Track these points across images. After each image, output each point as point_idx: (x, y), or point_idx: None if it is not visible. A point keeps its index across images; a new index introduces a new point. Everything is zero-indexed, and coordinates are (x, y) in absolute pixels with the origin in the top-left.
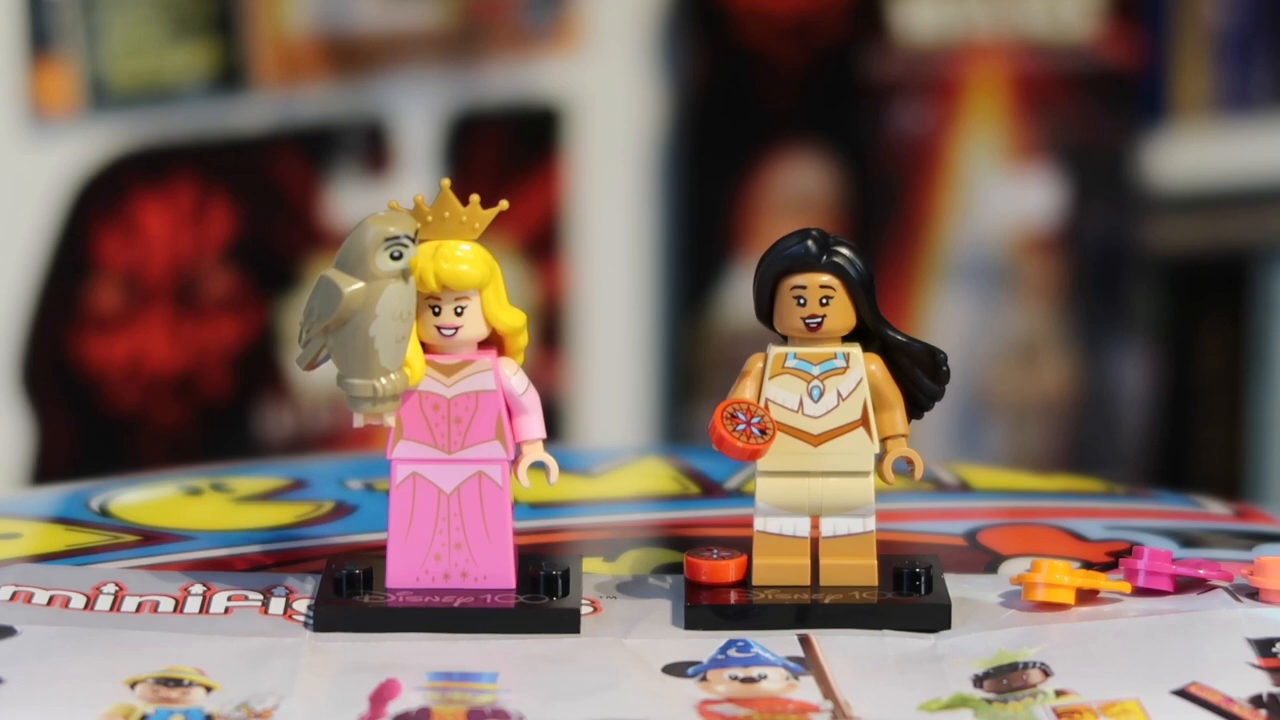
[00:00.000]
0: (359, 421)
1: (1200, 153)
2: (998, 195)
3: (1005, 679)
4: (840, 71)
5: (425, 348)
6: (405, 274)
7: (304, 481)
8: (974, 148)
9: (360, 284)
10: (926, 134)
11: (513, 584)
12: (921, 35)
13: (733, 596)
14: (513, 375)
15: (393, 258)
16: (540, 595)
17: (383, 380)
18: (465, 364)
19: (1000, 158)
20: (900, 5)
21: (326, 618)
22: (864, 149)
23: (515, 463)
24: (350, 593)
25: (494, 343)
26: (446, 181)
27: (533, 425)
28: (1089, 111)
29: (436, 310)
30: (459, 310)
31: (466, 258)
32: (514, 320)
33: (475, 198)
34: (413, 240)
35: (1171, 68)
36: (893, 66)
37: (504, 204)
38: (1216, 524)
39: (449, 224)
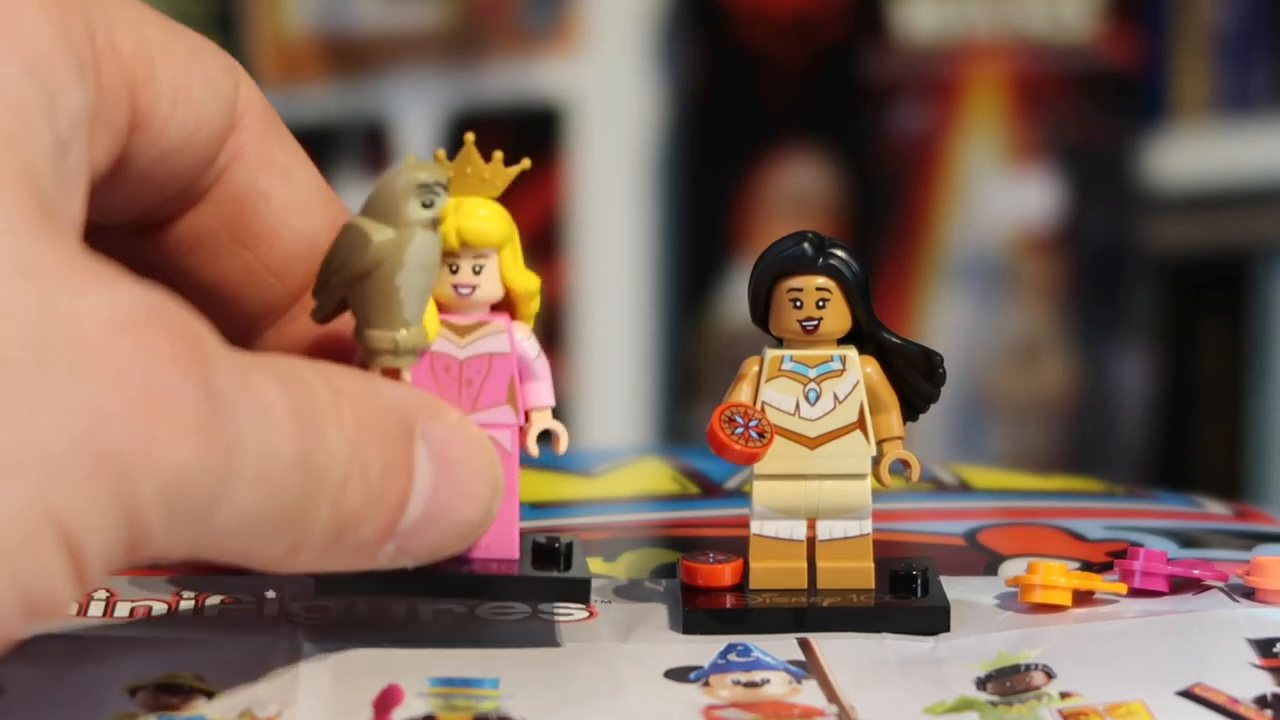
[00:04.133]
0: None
1: (1200, 153)
2: (998, 195)
3: (1008, 681)
4: (840, 71)
5: (439, 307)
6: (435, 223)
7: None
8: (974, 148)
9: (391, 231)
10: (926, 134)
11: (516, 554)
12: (921, 35)
13: (729, 600)
14: (526, 339)
15: (424, 205)
16: (555, 569)
17: (404, 332)
18: (480, 325)
19: (1000, 158)
20: (900, 5)
21: (331, 580)
22: (864, 149)
23: (524, 430)
24: None
25: (505, 308)
26: (471, 136)
27: (543, 392)
28: (1089, 111)
29: (454, 268)
30: (477, 269)
31: (489, 215)
32: (529, 283)
33: (498, 155)
34: (445, 189)
35: (1171, 68)
36: (893, 66)
37: (526, 162)
38: (1216, 524)
39: (470, 180)
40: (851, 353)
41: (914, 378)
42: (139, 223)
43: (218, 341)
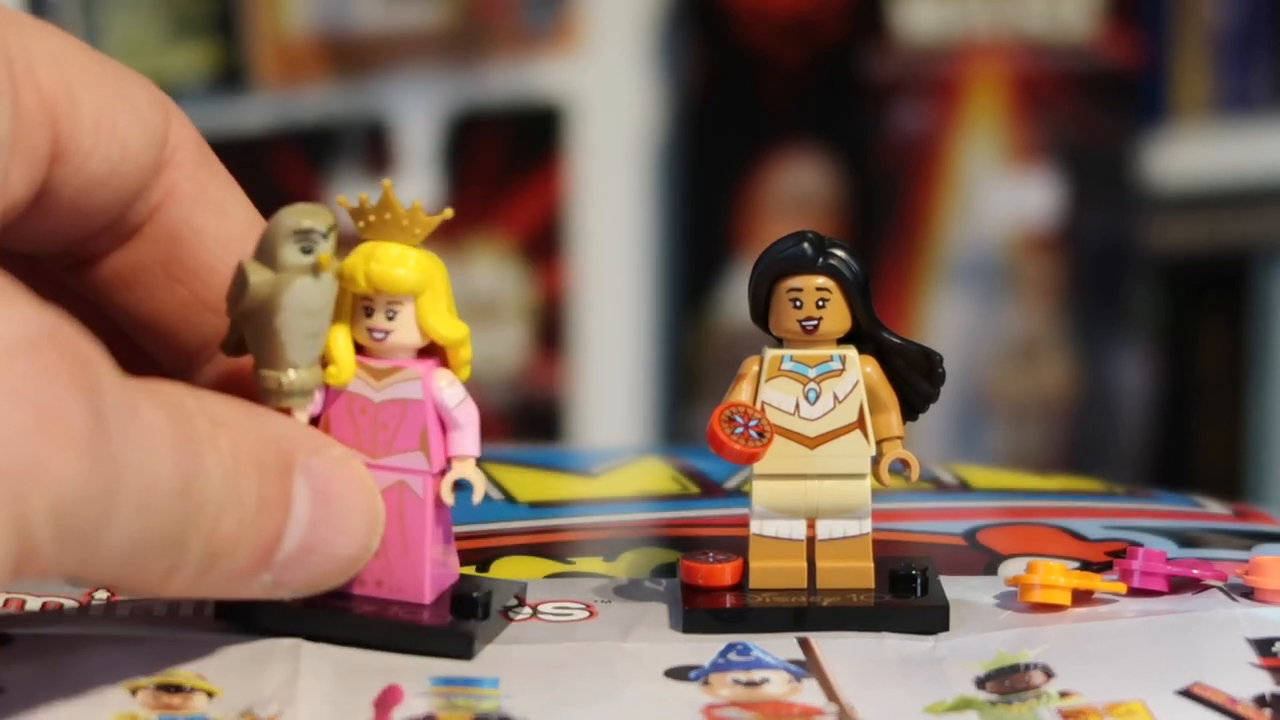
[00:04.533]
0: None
1: (1200, 153)
2: (998, 195)
3: (1008, 680)
4: (840, 71)
5: (360, 349)
6: (315, 268)
7: None
8: (974, 148)
9: (269, 274)
10: (926, 134)
11: (425, 599)
12: (921, 35)
13: (729, 600)
14: (447, 387)
15: (303, 251)
16: (459, 617)
17: (290, 373)
18: (396, 370)
19: (1000, 158)
20: (900, 5)
21: (231, 612)
22: (864, 149)
23: (441, 476)
24: None
25: (438, 352)
26: (388, 183)
27: (465, 441)
28: (1089, 111)
29: (369, 312)
30: (390, 315)
31: (402, 261)
32: (451, 332)
33: (418, 202)
34: (325, 235)
35: (1171, 68)
36: (893, 66)
37: (448, 212)
38: (1216, 524)
39: (389, 226)
40: (851, 352)
41: (913, 377)
42: (71, 254)
43: (109, 366)
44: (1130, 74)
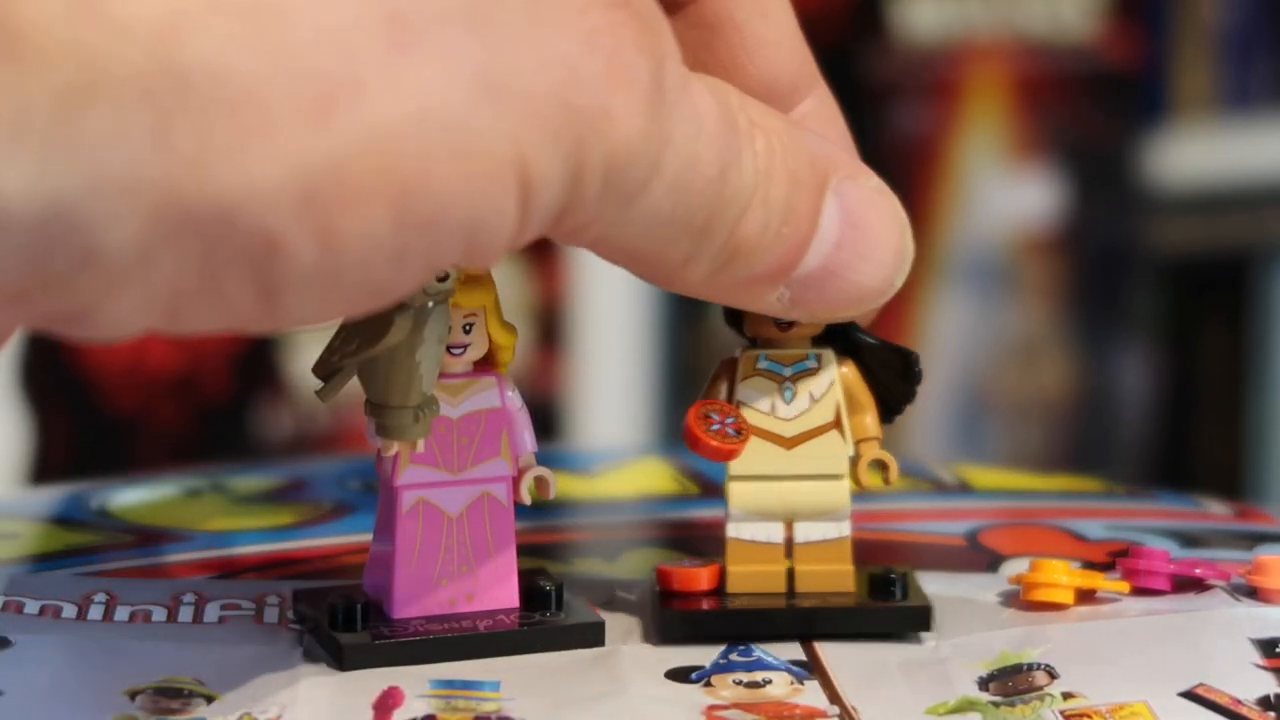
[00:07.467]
0: (389, 451)
1: (1201, 152)
2: (998, 195)
3: (1011, 681)
4: (840, 71)
5: None
6: (449, 295)
7: (304, 482)
8: (974, 148)
9: (409, 308)
10: (926, 134)
11: (516, 603)
12: (921, 35)
13: (705, 604)
14: (511, 390)
15: (439, 279)
16: (549, 611)
17: (421, 405)
18: (471, 382)
19: (1000, 158)
20: (900, 5)
21: (357, 655)
22: (864, 149)
23: (516, 480)
24: (366, 626)
25: (484, 360)
26: None
27: (526, 439)
28: (1089, 111)
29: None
30: (467, 328)
31: (475, 274)
32: (512, 335)
33: None
34: None
35: (1172, 68)
36: (893, 66)
37: None
38: (1217, 524)
39: None
40: (827, 352)
41: (889, 378)
42: None
43: (674, 42)
44: (1131, 74)
